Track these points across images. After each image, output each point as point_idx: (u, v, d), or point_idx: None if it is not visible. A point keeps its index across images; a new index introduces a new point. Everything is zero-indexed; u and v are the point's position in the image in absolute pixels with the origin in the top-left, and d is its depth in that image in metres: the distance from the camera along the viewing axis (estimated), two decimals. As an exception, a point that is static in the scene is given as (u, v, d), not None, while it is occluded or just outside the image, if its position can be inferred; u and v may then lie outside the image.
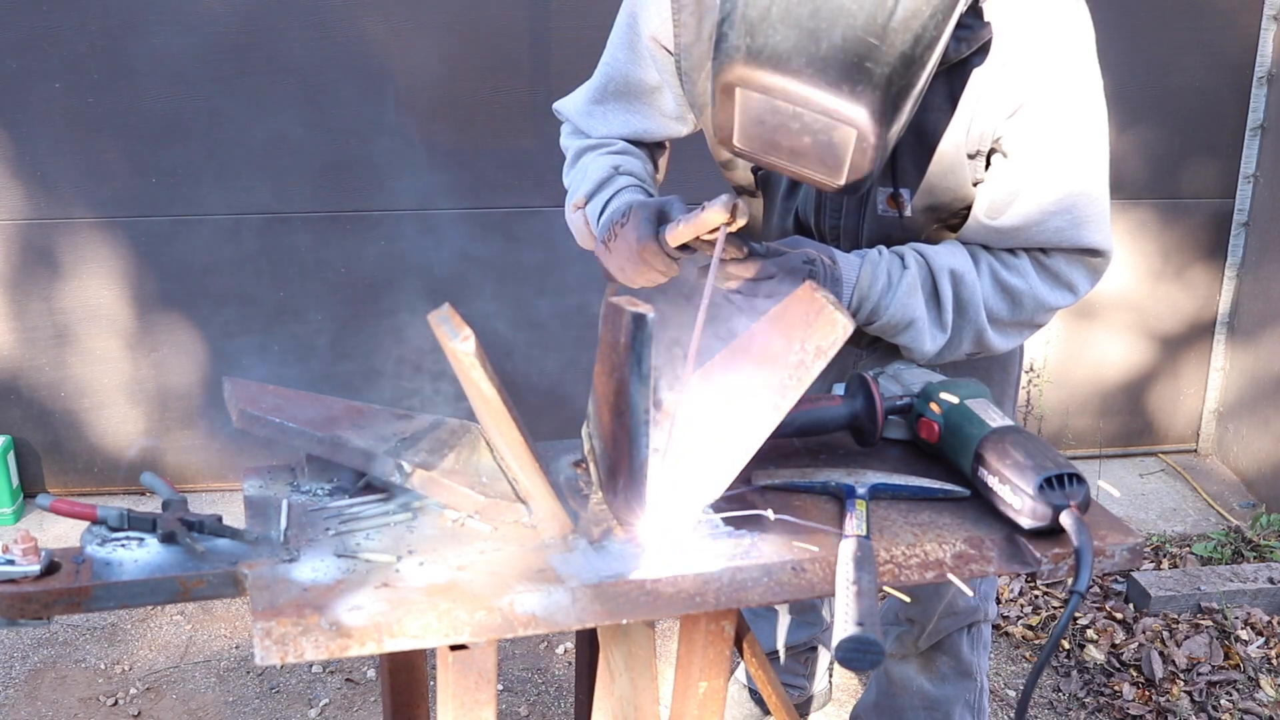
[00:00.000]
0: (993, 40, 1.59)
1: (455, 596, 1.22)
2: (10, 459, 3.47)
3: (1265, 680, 2.86)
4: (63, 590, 1.24)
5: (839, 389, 1.62)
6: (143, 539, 1.33)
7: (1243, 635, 3.00)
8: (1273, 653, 2.96)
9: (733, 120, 1.42)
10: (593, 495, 1.46)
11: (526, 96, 3.33)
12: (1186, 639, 2.98)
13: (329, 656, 1.19)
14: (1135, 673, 2.90)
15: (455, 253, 3.47)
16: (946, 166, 1.71)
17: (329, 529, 1.36)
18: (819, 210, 1.84)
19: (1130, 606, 3.13)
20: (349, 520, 1.38)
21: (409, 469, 1.38)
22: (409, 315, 3.45)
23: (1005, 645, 3.04)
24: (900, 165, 1.72)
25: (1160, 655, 2.91)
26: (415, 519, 1.39)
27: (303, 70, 3.27)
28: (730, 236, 1.52)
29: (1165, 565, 3.34)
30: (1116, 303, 3.79)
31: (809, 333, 1.32)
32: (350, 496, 1.44)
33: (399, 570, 1.27)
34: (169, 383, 3.51)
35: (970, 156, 1.69)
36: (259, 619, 1.17)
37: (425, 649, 1.36)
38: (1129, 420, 3.97)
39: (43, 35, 3.17)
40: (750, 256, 1.61)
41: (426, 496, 1.41)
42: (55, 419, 3.53)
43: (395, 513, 1.40)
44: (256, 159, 3.33)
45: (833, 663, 2.75)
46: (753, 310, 1.57)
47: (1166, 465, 3.96)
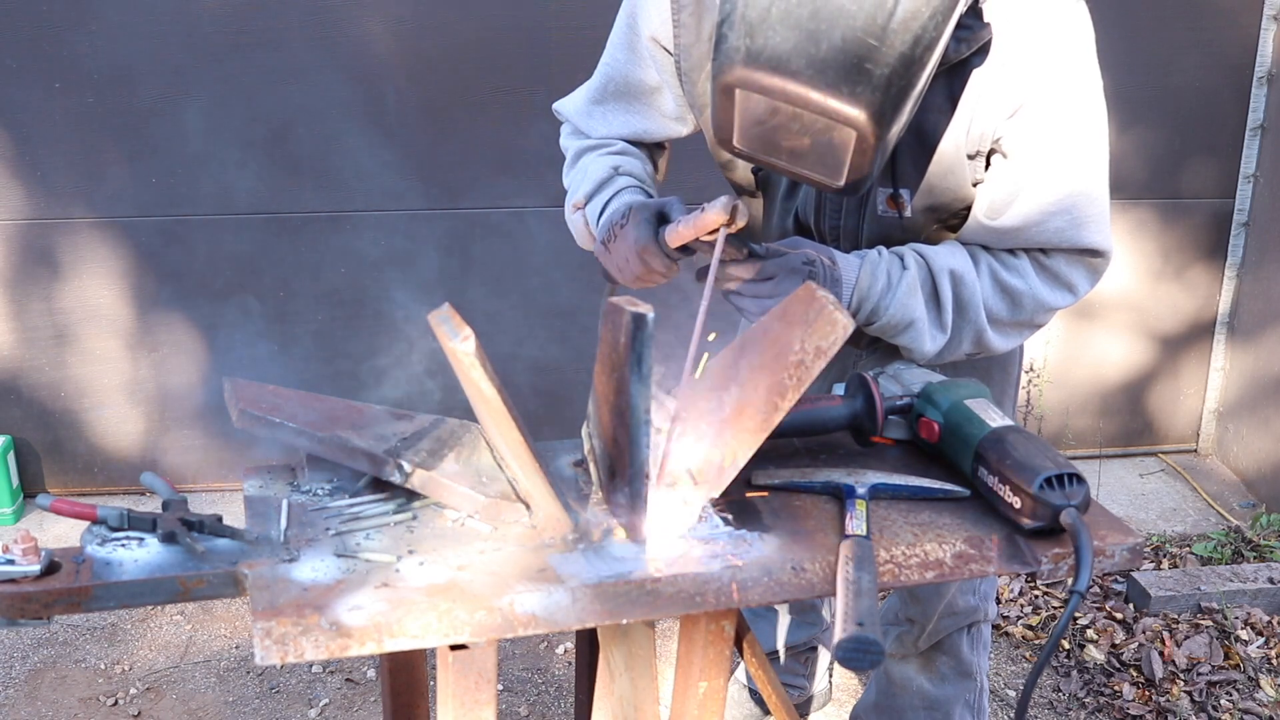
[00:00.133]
0: (992, 41, 1.59)
1: (455, 596, 1.22)
2: (10, 459, 3.47)
3: (1265, 680, 2.86)
4: (63, 590, 1.24)
5: (839, 389, 1.61)
6: (143, 539, 1.33)
7: (1243, 635, 3.00)
8: (1273, 653, 2.96)
9: (732, 121, 1.42)
10: (593, 495, 1.46)
11: (526, 97, 3.33)
12: (1186, 639, 2.98)
13: (329, 656, 1.19)
14: (1135, 673, 2.89)
15: (456, 253, 3.48)
16: (946, 167, 1.71)
17: (329, 529, 1.36)
18: (819, 211, 1.83)
19: (1130, 606, 3.13)
20: (349, 520, 1.38)
21: (409, 469, 1.38)
22: (409, 315, 3.44)
23: (1005, 645, 3.04)
24: (900, 166, 1.72)
25: (1160, 655, 2.91)
26: (415, 519, 1.39)
27: (303, 70, 3.27)
28: (730, 237, 1.52)
29: (1165, 565, 3.34)
30: (1116, 303, 3.78)
31: (809, 332, 1.32)
32: (350, 496, 1.44)
33: (399, 570, 1.27)
34: (169, 383, 3.51)
35: (970, 157, 1.69)
36: (259, 619, 1.17)
37: (425, 649, 1.36)
38: (1129, 420, 3.97)
39: (43, 35, 3.17)
40: (750, 257, 1.61)
41: (426, 496, 1.41)
42: (55, 419, 3.53)
43: (395, 513, 1.40)
44: (256, 159, 3.33)
45: (833, 663, 2.75)
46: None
47: (1166, 465, 3.96)
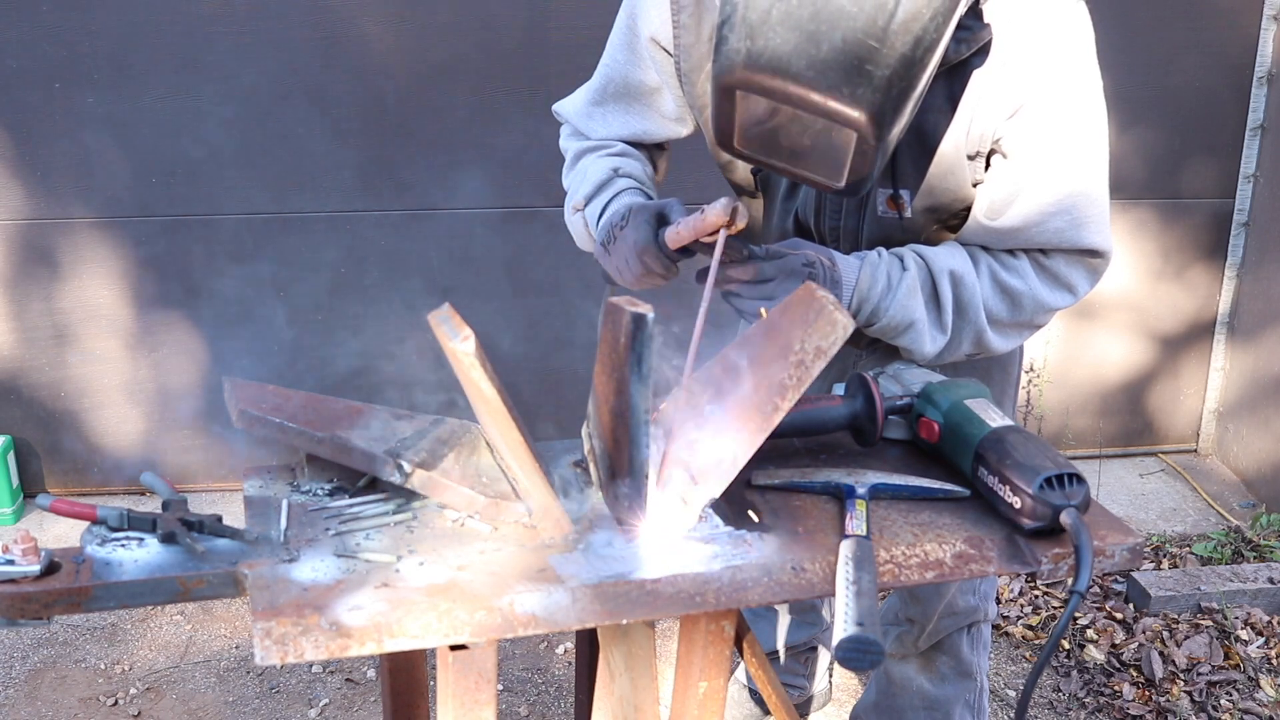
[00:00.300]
0: (993, 41, 1.59)
1: (455, 596, 1.22)
2: (10, 459, 3.47)
3: (1265, 680, 2.86)
4: (63, 590, 1.24)
5: (839, 389, 1.61)
6: (143, 539, 1.33)
7: (1243, 635, 3.00)
8: (1273, 653, 2.96)
9: (733, 122, 1.42)
10: (593, 495, 1.46)
11: (525, 97, 3.33)
12: (1186, 639, 2.98)
13: (329, 656, 1.19)
14: (1135, 673, 2.90)
15: (456, 253, 3.48)
16: (946, 168, 1.71)
17: (329, 529, 1.36)
18: (819, 212, 1.83)
19: (1130, 606, 3.13)
20: (349, 520, 1.38)
21: (409, 469, 1.38)
22: (409, 315, 3.44)
23: (1005, 645, 3.04)
24: (900, 166, 1.72)
25: (1160, 655, 2.91)
26: (415, 519, 1.39)
27: (303, 70, 3.27)
28: (730, 239, 1.52)
29: (1165, 565, 3.34)
30: (1116, 303, 3.78)
31: (809, 333, 1.32)
32: (350, 496, 1.44)
33: (399, 570, 1.27)
34: (169, 383, 3.51)
35: (970, 157, 1.69)
36: (259, 619, 1.17)
37: (425, 649, 1.36)
38: (1129, 420, 3.97)
39: (43, 35, 3.17)
40: (750, 259, 1.61)
41: (426, 497, 1.41)
42: (55, 419, 3.53)
43: (395, 513, 1.40)
44: (256, 158, 3.33)
45: (833, 663, 2.75)
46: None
47: (1166, 465, 3.96)
